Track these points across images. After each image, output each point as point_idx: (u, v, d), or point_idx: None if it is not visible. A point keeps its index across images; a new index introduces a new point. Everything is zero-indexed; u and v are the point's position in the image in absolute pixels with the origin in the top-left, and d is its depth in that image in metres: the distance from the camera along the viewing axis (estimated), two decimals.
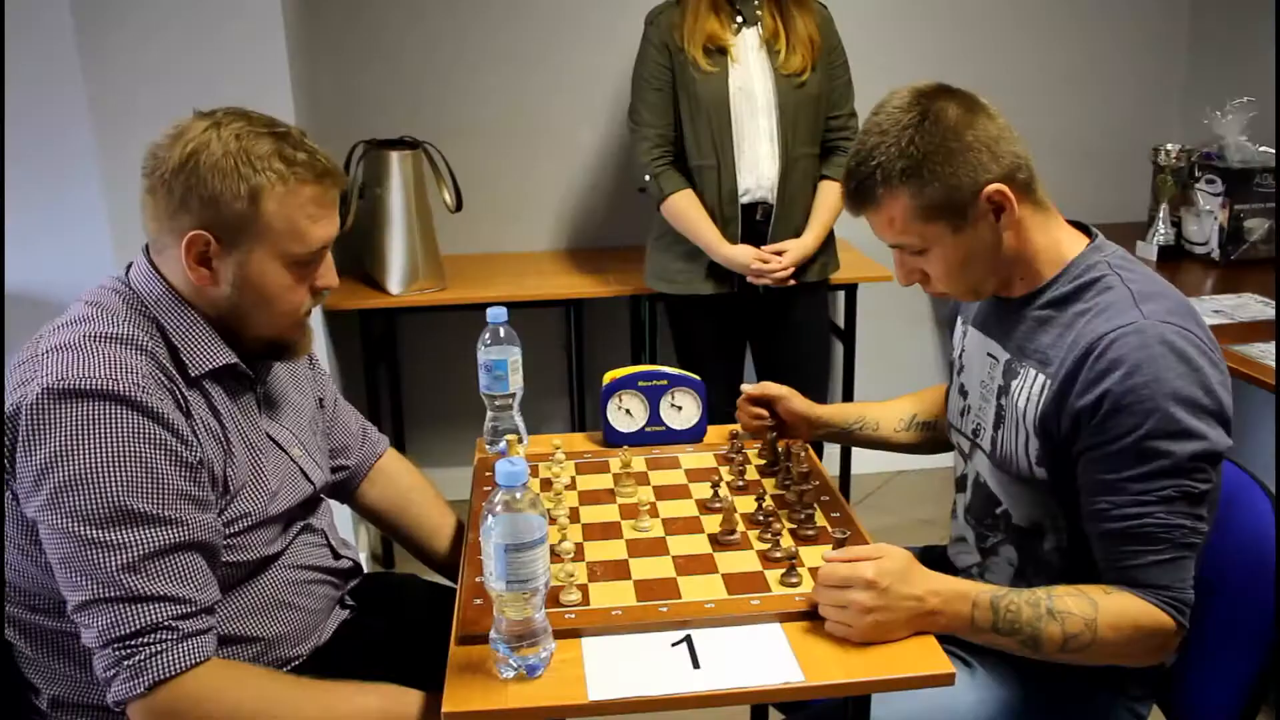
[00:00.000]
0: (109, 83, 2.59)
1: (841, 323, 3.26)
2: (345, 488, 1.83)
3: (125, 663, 1.26)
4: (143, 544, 1.28)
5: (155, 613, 1.27)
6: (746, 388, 1.90)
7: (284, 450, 1.56)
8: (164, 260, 1.42)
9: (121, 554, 1.27)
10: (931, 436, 1.91)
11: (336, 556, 1.66)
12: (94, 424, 1.27)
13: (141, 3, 2.57)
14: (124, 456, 1.28)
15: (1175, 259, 3.18)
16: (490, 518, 1.23)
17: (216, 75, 2.62)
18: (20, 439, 1.28)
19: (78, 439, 1.26)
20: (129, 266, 1.46)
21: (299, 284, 1.44)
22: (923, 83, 1.45)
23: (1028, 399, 1.46)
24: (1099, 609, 1.35)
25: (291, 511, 1.55)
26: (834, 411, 1.92)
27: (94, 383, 1.28)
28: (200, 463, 1.36)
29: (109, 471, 1.27)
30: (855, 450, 3.45)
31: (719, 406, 2.30)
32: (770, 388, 1.88)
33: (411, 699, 1.41)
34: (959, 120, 1.39)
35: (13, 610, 1.40)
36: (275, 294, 1.42)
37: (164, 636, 1.27)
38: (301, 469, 1.57)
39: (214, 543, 1.36)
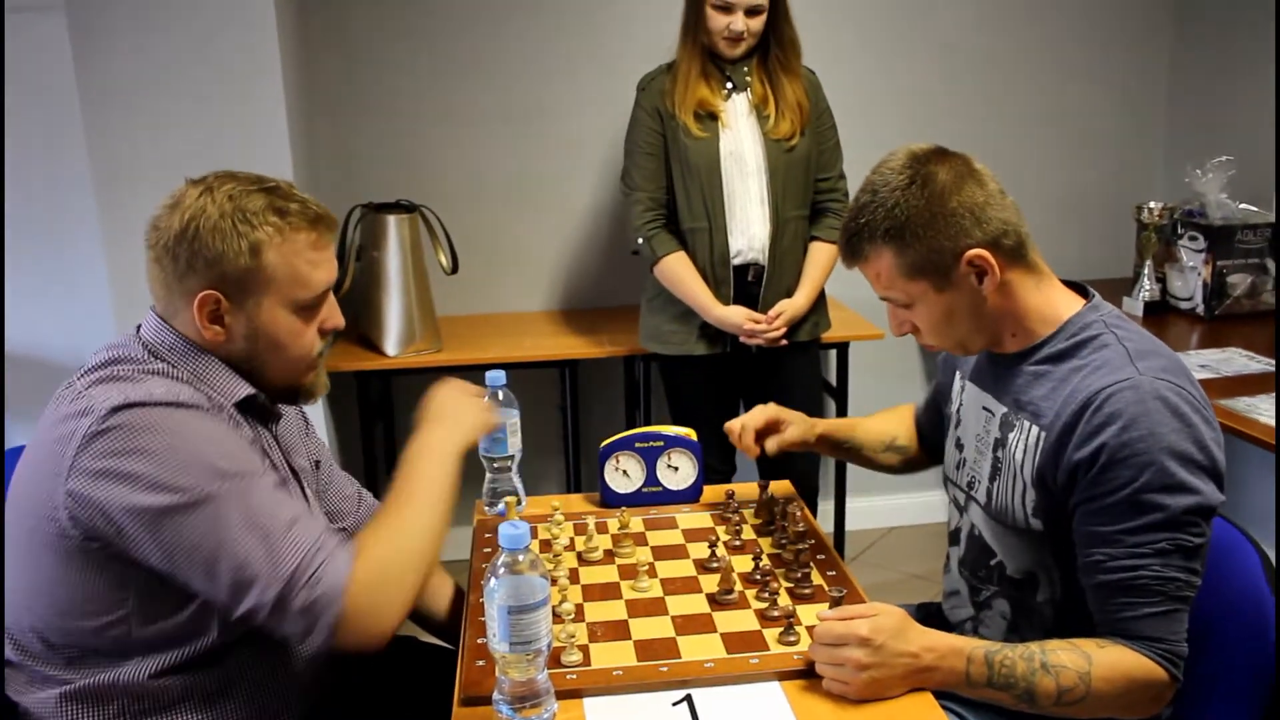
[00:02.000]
0: (110, 146, 2.64)
1: (834, 380, 3.29)
2: None
3: (313, 588, 1.30)
4: (258, 492, 1.35)
5: (298, 540, 1.33)
6: (749, 423, 1.89)
7: (302, 488, 1.60)
8: (177, 322, 1.47)
9: (251, 504, 1.33)
10: (905, 459, 1.97)
11: None
12: (170, 420, 1.34)
13: (142, 67, 2.62)
14: (205, 437, 1.36)
15: (1160, 314, 3.22)
16: (493, 580, 1.26)
17: (216, 139, 2.67)
18: (83, 460, 1.31)
19: (162, 432, 1.33)
20: (139, 326, 1.50)
21: (307, 327, 1.50)
22: (920, 145, 1.50)
23: (1024, 451, 1.49)
24: (1093, 662, 1.37)
25: None
26: (833, 428, 1.94)
27: (156, 398, 1.35)
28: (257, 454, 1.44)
29: (198, 448, 1.34)
30: (849, 507, 3.47)
31: (713, 465, 2.34)
32: (779, 412, 1.89)
33: (441, 433, 1.62)
34: (946, 186, 1.44)
35: (32, 648, 1.42)
36: (287, 340, 1.48)
37: (322, 554, 1.33)
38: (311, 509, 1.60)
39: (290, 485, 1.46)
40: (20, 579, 1.41)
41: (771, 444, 1.86)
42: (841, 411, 3.32)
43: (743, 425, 1.87)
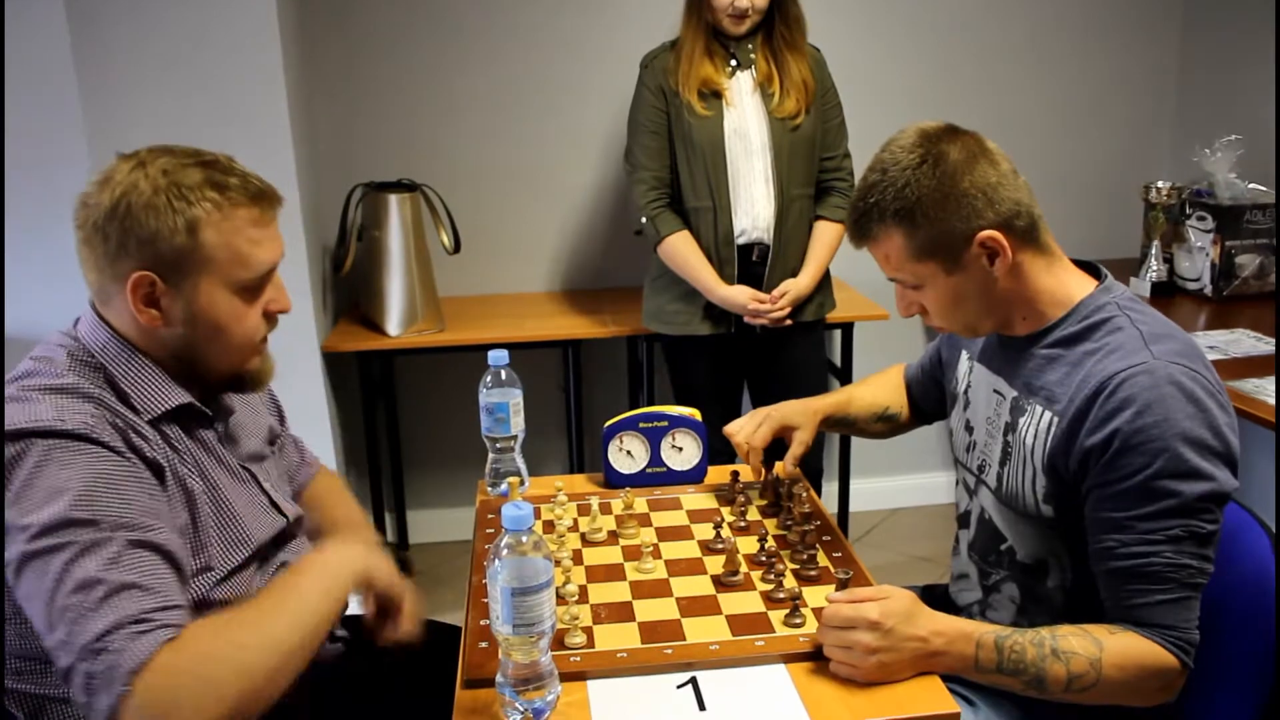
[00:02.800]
0: (108, 128, 2.62)
1: (838, 361, 3.27)
2: None
3: (97, 669, 1.16)
4: (107, 547, 1.23)
5: (126, 606, 1.20)
6: (755, 444, 1.86)
7: (257, 483, 1.53)
8: (110, 309, 1.40)
9: (88, 560, 1.21)
10: (893, 427, 1.96)
11: None
12: (37, 455, 1.25)
13: (142, 51, 2.59)
14: (78, 479, 1.25)
15: (1168, 295, 3.20)
16: (496, 561, 1.24)
17: (217, 120, 2.65)
18: None
19: (21, 471, 1.24)
20: (77, 320, 1.44)
21: (250, 309, 1.42)
22: (930, 123, 1.47)
23: (1035, 436, 1.47)
24: (1104, 649, 1.36)
25: (265, 548, 1.50)
26: (833, 407, 1.92)
27: (39, 424, 1.26)
28: (160, 493, 1.33)
29: (57, 492, 1.23)
30: (853, 489, 3.46)
31: (716, 446, 2.31)
32: (787, 418, 1.87)
33: (346, 554, 1.40)
34: (958, 166, 1.41)
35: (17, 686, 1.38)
36: (227, 323, 1.40)
37: (136, 630, 1.19)
38: (273, 500, 1.55)
39: (180, 557, 1.31)
40: None
41: (789, 465, 1.84)
42: None
43: (749, 446, 1.83)
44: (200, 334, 1.39)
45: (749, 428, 1.85)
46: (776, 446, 2.02)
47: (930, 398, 1.91)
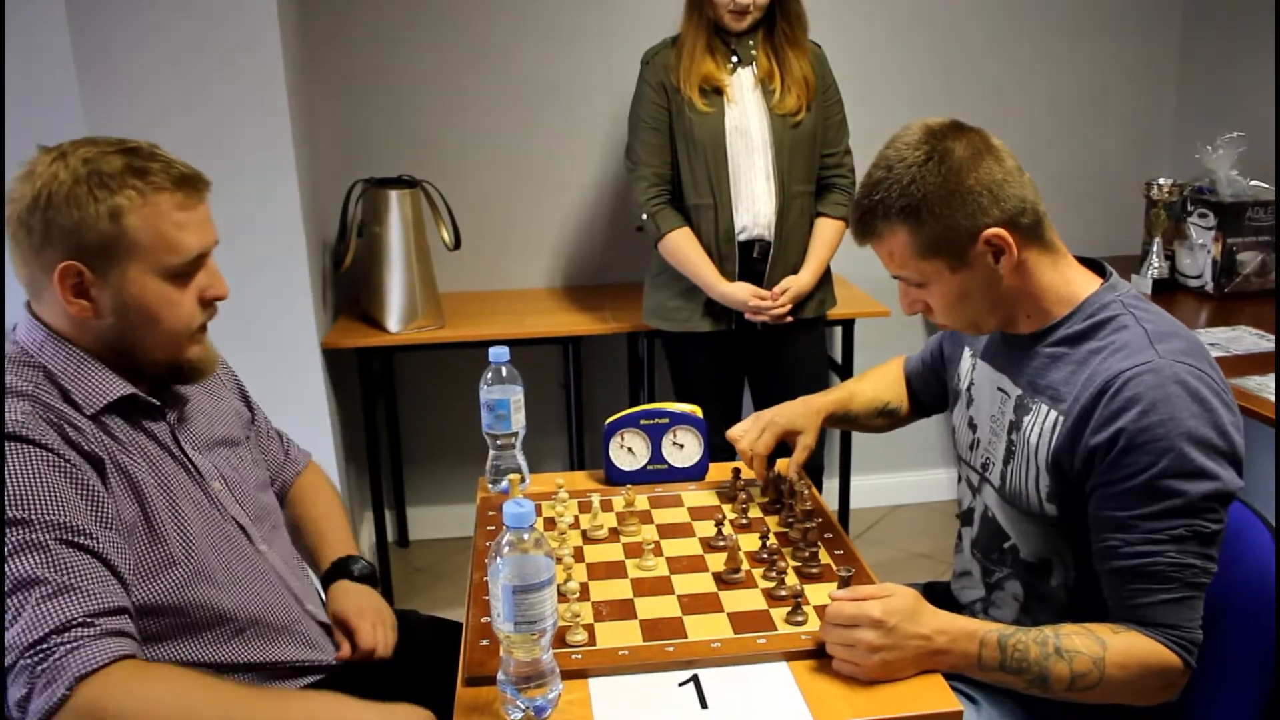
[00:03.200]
0: (109, 124, 2.60)
1: (839, 358, 3.27)
2: None
3: (40, 669, 1.19)
4: (40, 548, 1.24)
5: (64, 609, 1.22)
6: (759, 450, 1.85)
7: (203, 482, 1.50)
8: (43, 304, 1.40)
9: (22, 561, 1.23)
10: (893, 422, 1.96)
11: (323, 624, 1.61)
12: None
13: (142, 45, 2.59)
14: (11, 479, 1.26)
15: (1169, 292, 3.20)
16: (498, 559, 1.24)
17: (216, 115, 2.64)
18: None
19: None
20: (14, 326, 1.43)
21: (182, 294, 1.41)
22: (936, 120, 1.46)
23: (1040, 435, 1.47)
24: (1107, 648, 1.35)
25: (231, 563, 1.48)
26: (833, 409, 1.91)
27: None
28: (100, 489, 1.33)
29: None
30: (853, 485, 3.46)
31: (716, 443, 2.31)
32: (780, 433, 1.85)
33: (351, 711, 1.35)
34: (964, 163, 1.40)
35: None
36: (159, 310, 1.39)
37: (77, 635, 1.22)
38: (219, 503, 1.51)
39: (116, 561, 1.31)
40: None
41: (793, 471, 1.81)
42: None
43: (754, 453, 1.82)
44: (132, 322, 1.39)
45: (753, 434, 1.83)
46: (781, 444, 2.02)
47: (930, 391, 1.91)
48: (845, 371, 3.26)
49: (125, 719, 1.19)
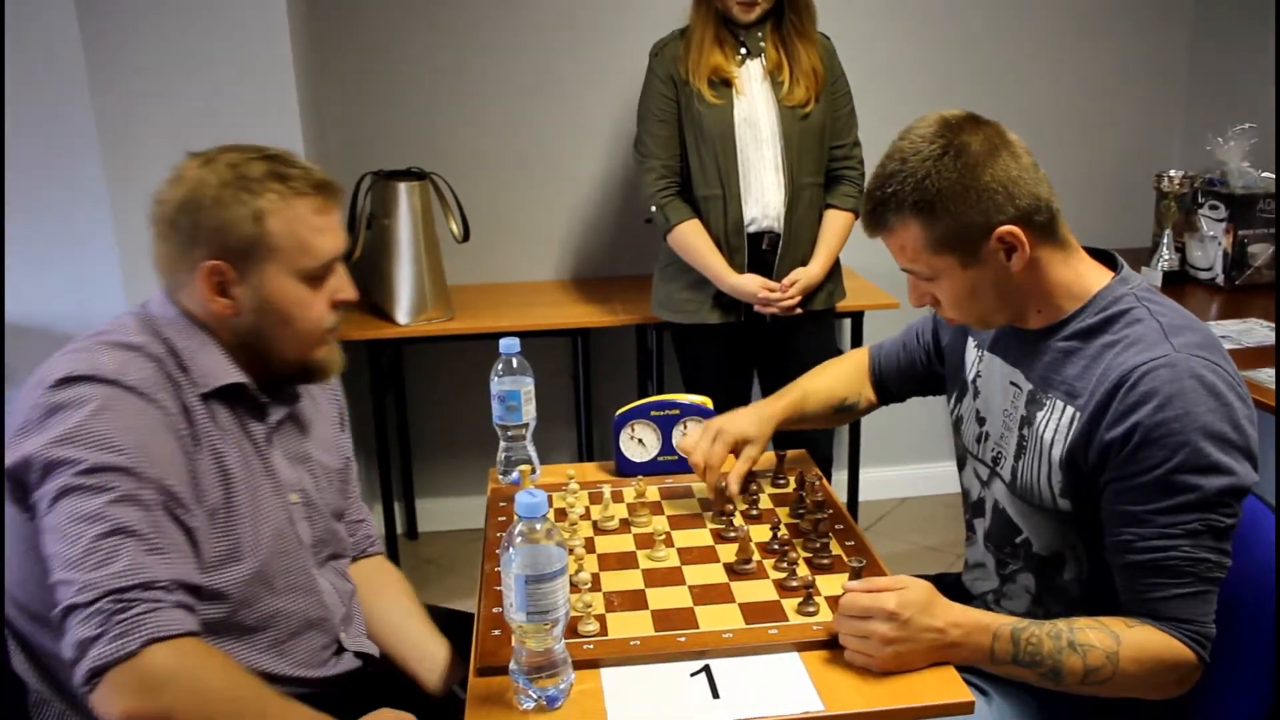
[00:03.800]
0: (118, 117, 2.61)
1: (848, 350, 3.26)
2: None
3: (118, 617, 1.20)
4: (144, 505, 1.27)
5: (155, 569, 1.25)
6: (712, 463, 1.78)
7: (282, 490, 1.52)
8: (183, 297, 1.45)
9: (126, 509, 1.26)
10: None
11: (342, 651, 1.61)
12: (98, 399, 1.30)
13: (150, 39, 2.59)
14: (126, 426, 1.30)
15: (1180, 284, 3.18)
16: (510, 549, 1.24)
17: (224, 107, 2.64)
18: (25, 426, 1.31)
19: (79, 409, 1.29)
20: (144, 302, 1.49)
21: (315, 297, 1.47)
22: (952, 111, 1.45)
23: (1055, 431, 1.46)
24: (1121, 642, 1.35)
25: (276, 560, 1.49)
26: (785, 416, 1.88)
27: (101, 372, 1.32)
28: (200, 465, 1.38)
29: (113, 433, 1.28)
30: (863, 478, 3.45)
31: None
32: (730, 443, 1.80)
33: None
34: (980, 158, 1.39)
35: (24, 627, 1.40)
36: (294, 311, 1.45)
37: (160, 596, 1.24)
38: (290, 515, 1.53)
39: (202, 544, 1.35)
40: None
41: (733, 485, 1.75)
42: None
43: (707, 464, 1.75)
44: (269, 321, 1.45)
45: (704, 444, 1.76)
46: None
47: (906, 378, 1.89)
48: None
49: (182, 691, 1.20)
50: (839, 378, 1.95)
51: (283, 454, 1.54)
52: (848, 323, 3.25)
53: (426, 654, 1.65)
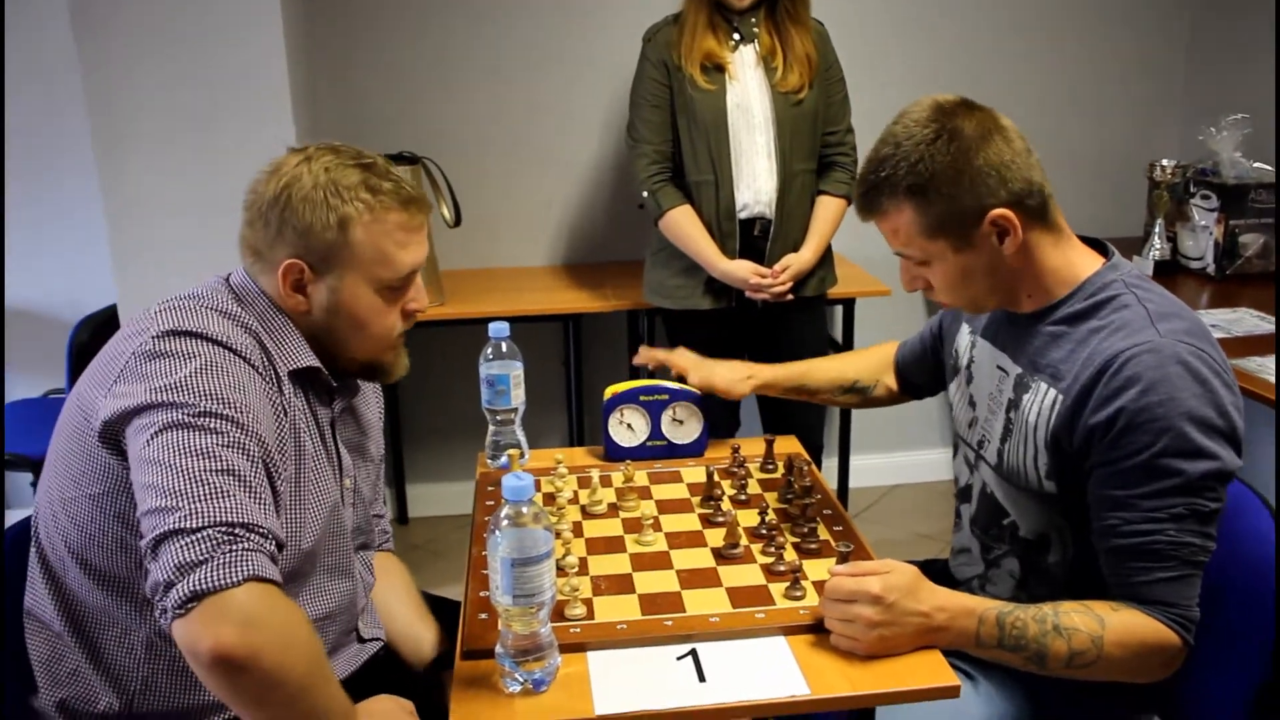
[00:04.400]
0: (111, 101, 2.59)
1: (840, 337, 3.27)
2: None
3: (226, 547, 1.19)
4: (251, 457, 1.29)
5: (261, 514, 1.26)
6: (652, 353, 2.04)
7: (340, 475, 1.55)
8: (263, 282, 1.47)
9: (236, 455, 1.28)
10: (865, 399, 1.97)
11: (361, 640, 1.63)
12: (207, 355, 1.33)
13: (142, 23, 2.57)
14: (231, 382, 1.33)
15: (1171, 273, 3.19)
16: (497, 532, 1.24)
17: (216, 92, 2.63)
18: (125, 372, 1.32)
19: (189, 360, 1.32)
20: (228, 276, 1.51)
21: (390, 308, 1.48)
22: (945, 96, 1.45)
23: (1039, 413, 1.46)
24: (1105, 626, 1.36)
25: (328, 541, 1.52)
26: (776, 375, 1.96)
27: (209, 331, 1.36)
28: (284, 437, 1.40)
29: (221, 385, 1.31)
30: (853, 464, 3.46)
31: (717, 421, 2.30)
32: (675, 359, 2.00)
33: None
34: (973, 142, 1.39)
35: (65, 573, 1.41)
36: (367, 318, 1.47)
37: (261, 542, 1.24)
38: (343, 500, 1.56)
39: (280, 498, 1.37)
40: (58, 491, 1.40)
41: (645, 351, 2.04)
42: None
43: (664, 356, 1.97)
44: (341, 323, 1.47)
45: (691, 358, 1.99)
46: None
47: (922, 368, 1.90)
48: (845, 350, 3.26)
49: (273, 633, 1.19)
50: (854, 360, 1.98)
51: (342, 440, 1.57)
52: (839, 309, 3.24)
53: (414, 636, 1.68)
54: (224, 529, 1.21)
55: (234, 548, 1.20)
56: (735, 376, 1.93)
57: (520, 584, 1.23)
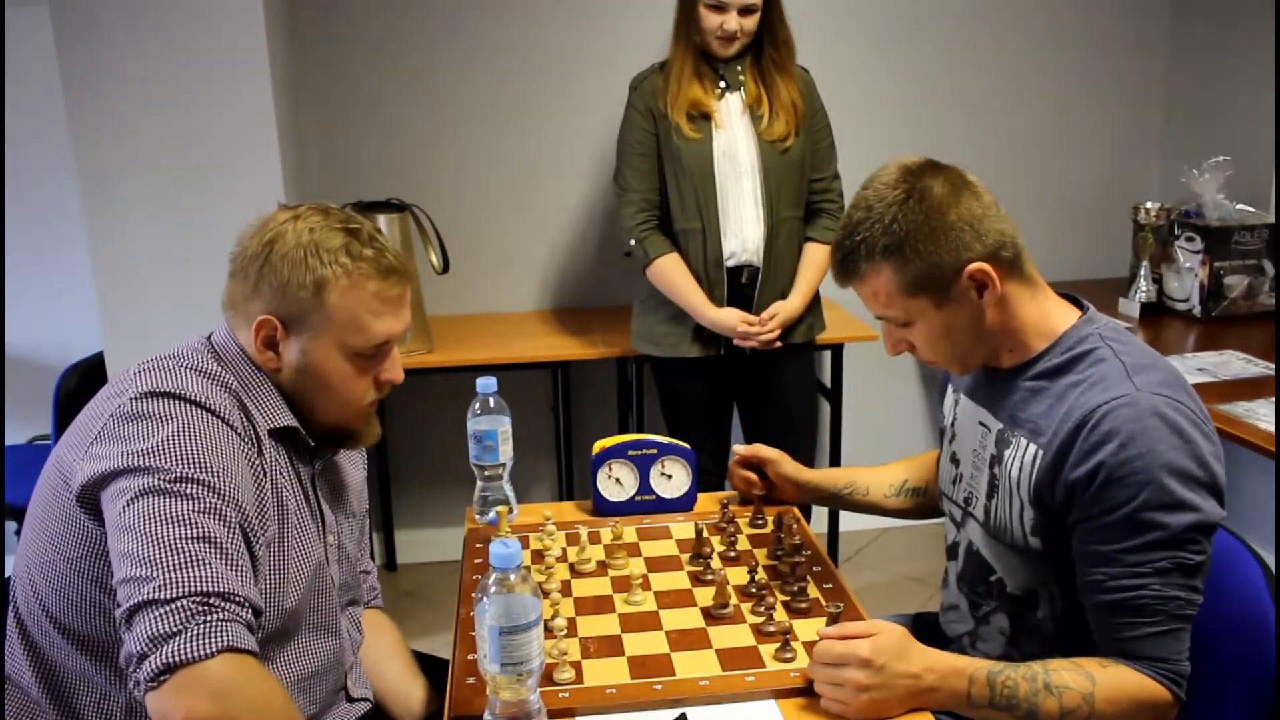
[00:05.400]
0: (96, 146, 2.60)
1: (828, 382, 3.27)
2: None
3: (199, 618, 1.18)
4: (226, 522, 1.28)
5: (235, 582, 1.25)
6: (738, 449, 1.92)
7: (324, 533, 1.54)
8: (241, 336, 1.48)
9: (210, 521, 1.27)
10: (921, 503, 1.91)
11: (350, 699, 1.61)
12: (185, 417, 1.33)
13: (128, 68, 2.58)
14: (210, 446, 1.32)
15: (1157, 315, 3.20)
16: (484, 599, 1.23)
17: (204, 138, 2.64)
18: (103, 435, 1.32)
19: (166, 424, 1.31)
20: (210, 335, 1.51)
21: (360, 375, 1.47)
22: (911, 159, 1.47)
23: (1020, 469, 1.47)
24: (1096, 683, 1.35)
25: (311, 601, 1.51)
26: (824, 476, 1.94)
27: (187, 392, 1.35)
28: (264, 499, 1.39)
29: (198, 450, 1.30)
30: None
31: (706, 468, 2.30)
32: (762, 450, 1.91)
33: None
34: (943, 199, 1.41)
35: (42, 638, 1.40)
36: (335, 382, 1.46)
37: (237, 611, 1.23)
38: (328, 557, 1.55)
39: (259, 562, 1.35)
40: (36, 553, 1.40)
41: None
42: (836, 413, 3.29)
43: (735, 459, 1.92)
44: (309, 385, 1.47)
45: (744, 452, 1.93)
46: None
47: None
48: (835, 395, 3.26)
49: (246, 704, 1.18)
50: (905, 463, 1.95)
51: (323, 497, 1.56)
52: (828, 354, 3.25)
53: (404, 694, 1.67)
54: (199, 599, 1.20)
55: (209, 618, 1.19)
56: (781, 482, 1.92)
57: (508, 652, 1.22)
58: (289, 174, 2.80)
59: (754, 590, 1.60)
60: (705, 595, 1.61)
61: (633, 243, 2.75)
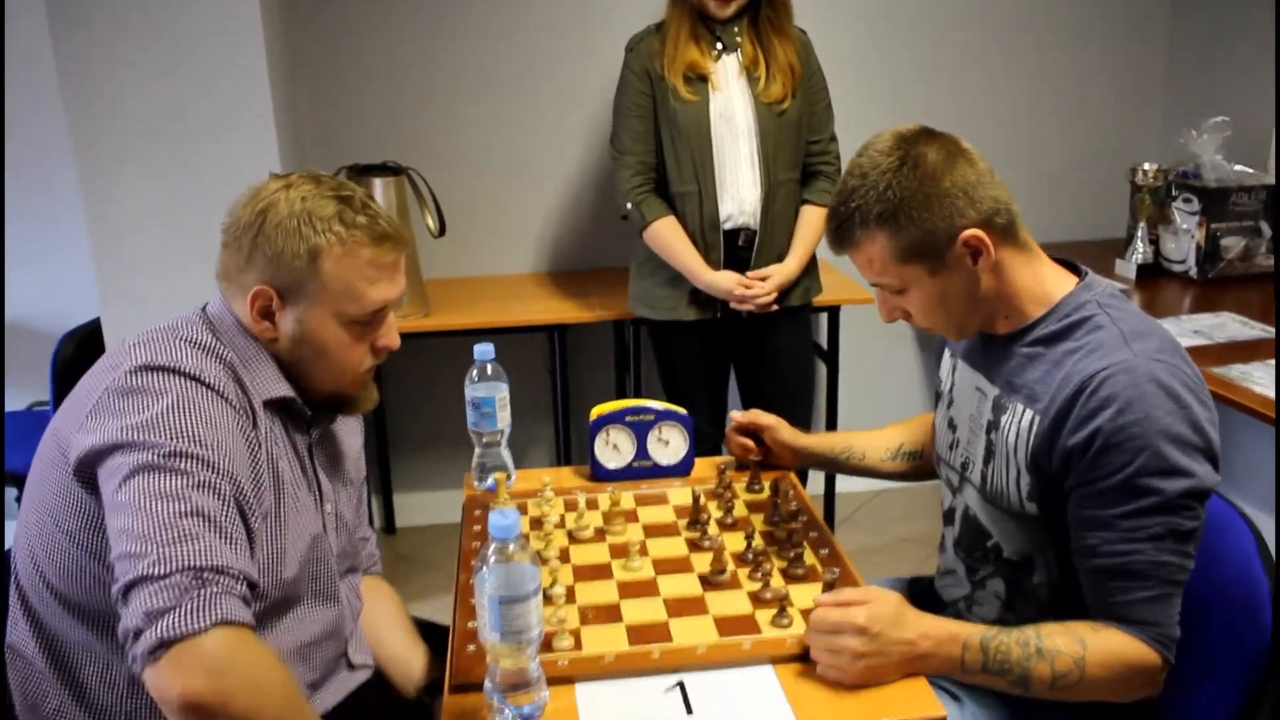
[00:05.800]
0: (91, 114, 2.58)
1: (825, 345, 3.27)
2: None
3: (193, 593, 1.18)
4: (222, 497, 1.29)
5: (230, 556, 1.25)
6: (736, 415, 1.92)
7: (321, 502, 1.55)
8: (236, 307, 1.48)
9: (205, 496, 1.27)
10: (918, 466, 1.93)
11: (351, 667, 1.63)
12: (179, 390, 1.33)
13: (122, 31, 2.56)
14: (205, 419, 1.32)
15: (1153, 277, 3.20)
16: (484, 569, 1.24)
17: (199, 103, 2.62)
18: (98, 408, 1.33)
19: (160, 398, 1.32)
20: (204, 305, 1.51)
21: (356, 342, 1.48)
22: (905, 126, 1.47)
23: (1017, 434, 1.47)
24: (1087, 647, 1.37)
25: (310, 569, 1.52)
26: (820, 441, 1.95)
27: (182, 366, 1.36)
28: (260, 472, 1.40)
29: (192, 423, 1.31)
30: None
31: (702, 430, 2.30)
32: (759, 417, 1.92)
33: None
34: (937, 166, 1.41)
35: (45, 612, 1.41)
36: (332, 350, 1.47)
37: (231, 585, 1.23)
38: (325, 525, 1.56)
39: (255, 534, 1.35)
40: (35, 526, 1.41)
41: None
42: (833, 376, 3.30)
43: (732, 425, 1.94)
44: (306, 353, 1.47)
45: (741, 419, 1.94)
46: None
47: None
48: (832, 358, 3.27)
49: (242, 679, 1.18)
50: (900, 427, 1.96)
51: (321, 466, 1.57)
52: (824, 317, 3.25)
53: (404, 660, 1.68)
54: (192, 573, 1.20)
55: (202, 592, 1.19)
56: (778, 449, 1.94)
57: (508, 621, 1.23)
58: (284, 137, 2.78)
59: (751, 557, 1.61)
60: (702, 562, 1.62)
61: (629, 206, 2.75)
